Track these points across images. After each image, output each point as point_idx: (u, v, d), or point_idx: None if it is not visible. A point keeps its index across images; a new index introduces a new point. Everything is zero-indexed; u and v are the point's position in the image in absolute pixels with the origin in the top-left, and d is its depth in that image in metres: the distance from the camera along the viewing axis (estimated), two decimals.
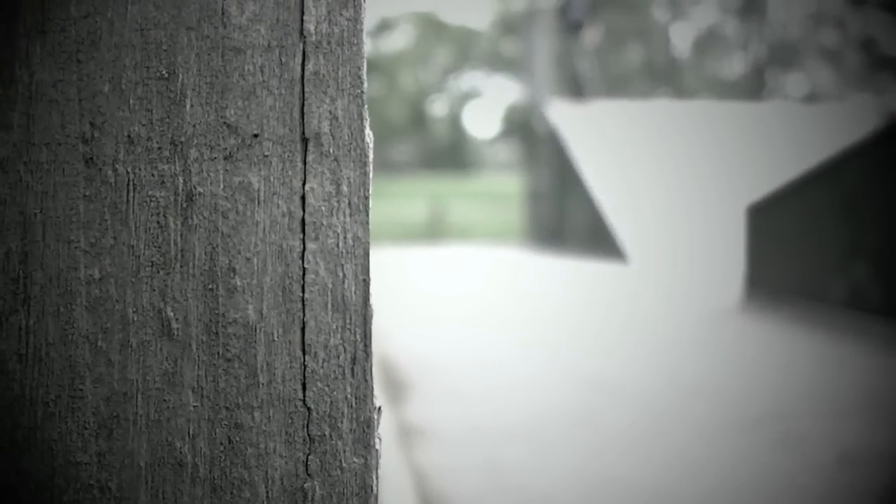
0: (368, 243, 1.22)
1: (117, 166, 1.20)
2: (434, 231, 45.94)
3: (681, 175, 30.94)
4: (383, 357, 10.22)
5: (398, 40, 60.66)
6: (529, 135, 42.06)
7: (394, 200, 44.03)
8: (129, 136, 1.20)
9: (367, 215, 1.22)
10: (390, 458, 6.00)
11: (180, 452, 1.20)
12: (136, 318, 1.20)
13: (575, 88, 36.85)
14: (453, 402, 8.44)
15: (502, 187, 51.27)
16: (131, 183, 1.20)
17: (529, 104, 42.67)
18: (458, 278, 22.86)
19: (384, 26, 57.44)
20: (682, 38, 57.22)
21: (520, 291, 19.32)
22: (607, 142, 33.07)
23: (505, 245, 40.14)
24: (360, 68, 1.21)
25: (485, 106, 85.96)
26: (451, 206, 47.91)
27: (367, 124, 1.22)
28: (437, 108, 63.47)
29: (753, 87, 51.91)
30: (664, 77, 54.25)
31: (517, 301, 17.34)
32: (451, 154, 60.15)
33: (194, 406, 1.20)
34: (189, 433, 1.20)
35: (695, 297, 17.82)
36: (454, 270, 25.78)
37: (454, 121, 63.55)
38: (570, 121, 34.70)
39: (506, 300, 17.53)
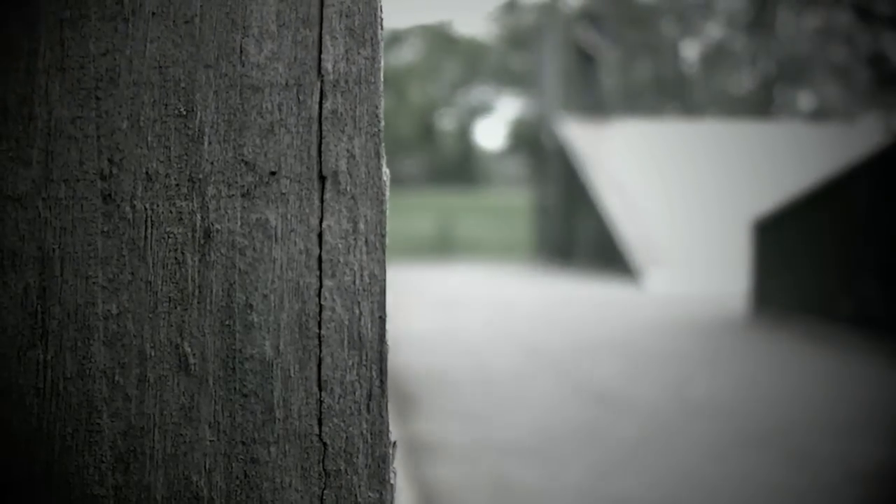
0: (385, 281, 1.23)
1: (135, 203, 1.20)
2: (442, 246, 45.95)
3: (689, 191, 30.94)
4: (392, 371, 10.23)
5: (407, 54, 60.76)
6: (538, 150, 42.09)
7: (402, 215, 44.03)
8: (147, 172, 1.20)
9: (384, 253, 1.23)
10: (399, 474, 6.00)
11: (197, 487, 1.21)
12: (153, 354, 1.21)
13: (585, 104, 36.85)
14: (462, 417, 8.44)
15: (511, 202, 51.29)
16: (149, 219, 1.20)
17: (538, 119, 42.71)
18: (467, 294, 22.85)
19: (393, 40, 57.53)
20: (691, 53, 57.16)
21: (528, 307, 19.31)
22: (616, 157, 33.08)
23: (513, 260, 40.14)
24: (377, 107, 1.22)
25: (493, 120, 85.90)
26: (460, 220, 47.92)
27: (383, 162, 1.23)
28: (446, 122, 63.53)
29: (762, 102, 51.88)
30: (673, 92, 54.24)
31: (525, 316, 17.34)
32: (459, 169, 60.16)
33: (211, 441, 1.21)
34: (205, 468, 1.21)
35: (702, 313, 17.81)
36: (463, 286, 25.78)
37: (463, 135, 63.60)
38: (579, 136, 34.73)
39: (514, 315, 17.52)
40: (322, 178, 1.21)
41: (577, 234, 35.12)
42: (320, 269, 1.21)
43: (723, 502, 6.10)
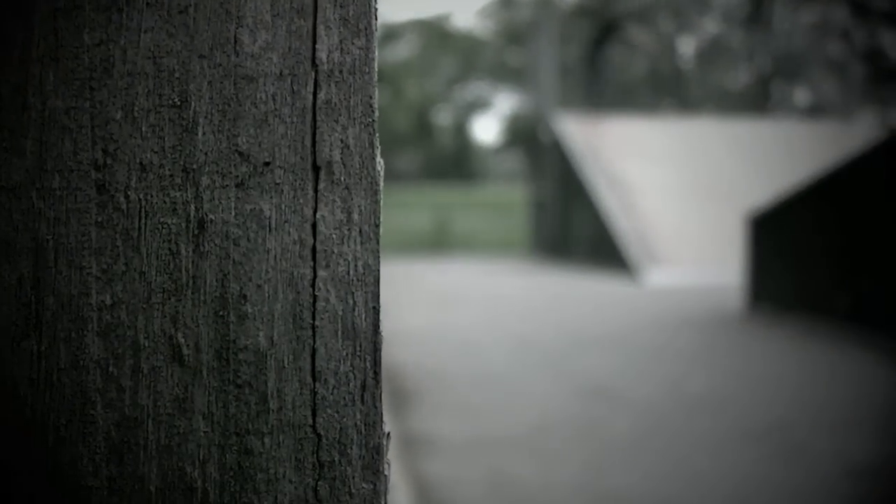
0: (378, 271, 1.23)
1: (129, 193, 1.20)
2: (439, 241, 45.93)
3: (686, 187, 30.94)
4: (388, 367, 10.22)
5: (403, 49, 60.68)
6: (534, 145, 42.07)
7: (398, 210, 44.00)
8: (141, 163, 1.20)
9: (378, 243, 1.22)
10: (394, 468, 6.00)
11: (190, 478, 1.21)
12: (147, 344, 1.20)
13: (580, 99, 36.85)
14: (458, 413, 8.44)
15: (507, 198, 51.25)
16: (143, 210, 1.20)
17: (534, 114, 42.70)
18: (463, 290, 22.85)
19: (389, 36, 57.46)
20: (687, 49, 57.10)
21: (524, 302, 19.30)
22: (612, 153, 33.07)
23: (509, 256, 40.14)
24: (371, 97, 1.22)
25: (490, 116, 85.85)
26: (456, 216, 47.89)
27: (377, 152, 1.23)
28: (442, 118, 63.47)
29: (758, 98, 51.87)
30: (669, 88, 54.22)
31: (521, 312, 17.33)
32: (455, 164, 60.12)
33: (205, 432, 1.21)
34: (199, 458, 1.21)
35: (699, 308, 17.81)
36: (459, 282, 25.76)
37: (459, 131, 63.54)
38: (575, 131, 34.71)
39: (510, 311, 17.51)
40: (316, 169, 1.21)
41: (573, 229, 35.12)
42: (314, 259, 1.21)
43: (719, 497, 6.10)
